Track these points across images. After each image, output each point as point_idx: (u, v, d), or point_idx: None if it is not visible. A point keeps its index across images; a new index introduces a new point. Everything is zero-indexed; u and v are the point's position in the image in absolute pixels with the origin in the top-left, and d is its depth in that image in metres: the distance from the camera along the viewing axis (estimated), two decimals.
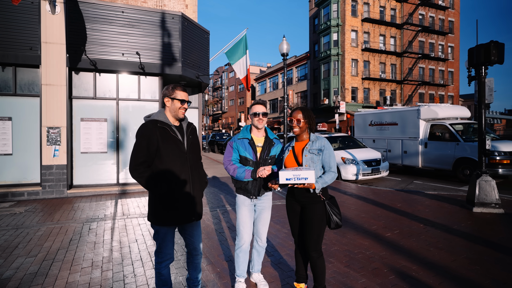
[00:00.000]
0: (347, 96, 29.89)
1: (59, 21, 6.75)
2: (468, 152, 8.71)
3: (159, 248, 2.29)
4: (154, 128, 2.16)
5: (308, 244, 2.36)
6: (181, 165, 2.25)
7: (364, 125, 13.13)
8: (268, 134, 2.71)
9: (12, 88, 6.71)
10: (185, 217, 2.27)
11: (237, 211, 2.68)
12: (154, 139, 2.15)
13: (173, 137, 2.23)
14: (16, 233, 4.36)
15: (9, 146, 6.68)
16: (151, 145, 2.14)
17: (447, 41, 35.76)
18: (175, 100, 2.25)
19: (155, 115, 2.27)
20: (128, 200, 6.55)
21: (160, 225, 2.22)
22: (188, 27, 8.04)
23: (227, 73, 61.00)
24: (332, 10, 30.32)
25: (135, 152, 2.16)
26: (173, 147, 2.22)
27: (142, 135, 2.16)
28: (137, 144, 2.16)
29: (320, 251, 2.37)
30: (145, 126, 2.19)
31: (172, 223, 2.24)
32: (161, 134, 2.17)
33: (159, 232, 2.25)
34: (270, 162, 2.64)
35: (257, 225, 2.72)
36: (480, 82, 5.39)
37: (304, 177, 2.18)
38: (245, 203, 2.64)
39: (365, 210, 5.54)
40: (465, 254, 3.48)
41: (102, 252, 3.66)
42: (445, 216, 5.08)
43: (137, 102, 7.71)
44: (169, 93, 2.26)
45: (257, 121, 2.59)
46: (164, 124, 2.21)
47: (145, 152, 2.14)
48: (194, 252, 2.44)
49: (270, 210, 2.76)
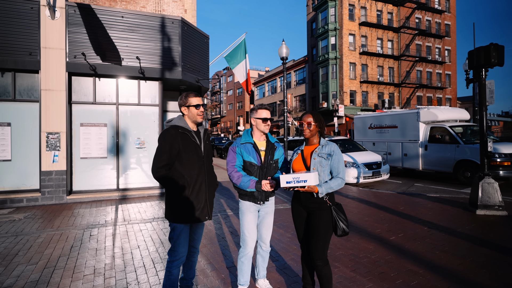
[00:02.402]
0: (346, 99, 29.98)
1: (58, 26, 6.74)
2: (468, 154, 8.71)
3: (173, 246, 2.39)
4: (176, 134, 2.35)
5: (313, 252, 2.30)
6: (199, 168, 2.43)
7: (364, 128, 13.14)
8: (269, 138, 2.71)
9: (12, 93, 6.67)
10: (200, 216, 2.42)
11: (242, 217, 2.63)
12: (176, 144, 2.33)
13: (193, 142, 2.41)
14: (15, 240, 4.30)
15: (8, 152, 6.62)
16: (173, 149, 2.31)
17: (443, 44, 36.05)
18: (191, 107, 2.43)
19: (176, 121, 2.43)
20: (129, 205, 6.48)
21: (178, 222, 2.36)
22: (188, 31, 8.05)
23: (225, 77, 61.12)
24: (329, 14, 30.52)
25: (158, 155, 2.32)
26: (192, 152, 2.40)
27: (165, 140, 2.32)
28: (160, 148, 2.32)
29: (325, 260, 2.31)
30: (167, 132, 2.36)
31: (188, 221, 2.39)
32: (182, 139, 2.35)
33: (175, 229, 2.38)
34: (275, 167, 2.64)
35: (261, 230, 2.69)
36: (481, 84, 5.40)
37: (303, 180, 2.16)
38: (250, 209, 2.60)
39: (368, 213, 5.51)
40: (471, 257, 3.45)
41: (104, 259, 3.60)
42: (448, 218, 5.05)
43: (137, 107, 7.68)
44: (184, 102, 2.45)
45: (265, 126, 2.61)
46: (185, 130, 2.40)
47: (167, 156, 2.31)
48: (192, 249, 2.56)
49: (273, 214, 2.74)
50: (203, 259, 3.55)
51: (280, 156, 2.71)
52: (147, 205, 6.50)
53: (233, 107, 57.30)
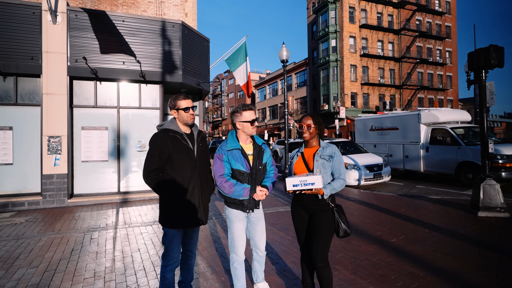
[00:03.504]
0: (347, 102, 29.98)
1: (60, 30, 6.80)
2: (470, 156, 8.68)
3: (166, 251, 2.36)
4: (166, 137, 2.29)
5: (314, 253, 2.31)
6: (190, 172, 2.36)
7: (365, 130, 13.12)
8: (255, 140, 2.60)
9: (13, 97, 6.72)
10: (193, 221, 2.38)
11: (231, 225, 2.53)
12: (166, 148, 2.27)
13: (184, 145, 2.35)
14: (17, 244, 4.31)
15: (10, 156, 6.66)
16: (162, 153, 2.27)
17: (444, 46, 36.04)
18: (180, 110, 2.37)
19: (167, 124, 2.39)
20: (130, 208, 6.49)
21: (169, 227, 2.32)
22: (188, 35, 8.09)
23: (226, 80, 61.30)
24: (330, 17, 30.61)
25: (148, 160, 2.28)
26: (183, 155, 2.34)
27: (154, 144, 2.28)
28: (150, 152, 2.28)
29: (326, 261, 2.32)
30: (157, 135, 2.31)
31: (180, 226, 2.34)
32: (172, 142, 2.30)
33: (167, 234, 2.35)
34: (263, 172, 2.57)
35: (255, 237, 2.62)
36: (481, 86, 5.39)
37: (311, 182, 2.15)
38: (239, 217, 2.52)
39: (369, 215, 5.49)
40: (473, 260, 3.43)
41: (105, 262, 3.60)
42: (450, 220, 5.03)
43: (138, 110, 7.71)
44: (173, 104, 2.38)
45: (253, 129, 2.49)
46: (175, 133, 2.34)
47: (157, 160, 2.26)
48: (189, 253, 2.54)
49: (264, 219, 2.67)
50: (203, 262, 3.55)
51: (268, 158, 2.63)
52: (147, 208, 6.51)
53: None
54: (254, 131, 2.51)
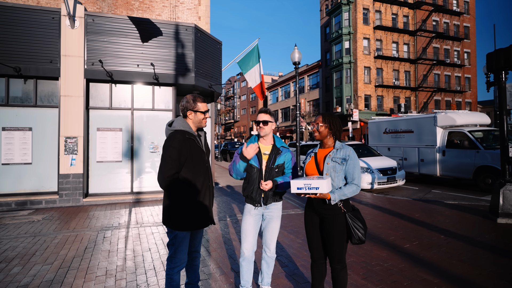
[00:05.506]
0: (360, 104, 29.56)
1: (77, 35, 7.01)
2: (489, 160, 8.38)
3: (174, 253, 2.32)
4: (184, 140, 2.24)
5: (331, 257, 2.26)
6: (204, 174, 2.38)
7: (379, 133, 12.89)
8: (275, 142, 2.67)
9: (33, 99, 6.97)
10: (205, 221, 2.39)
11: (242, 218, 2.67)
12: (185, 150, 2.23)
13: (198, 147, 2.34)
14: (33, 241, 4.45)
15: (29, 156, 6.90)
16: (182, 156, 2.22)
17: (463, 47, 35.06)
18: (198, 113, 2.35)
19: (180, 124, 2.31)
20: (142, 208, 6.60)
21: (181, 229, 2.28)
22: (201, 38, 8.19)
23: (239, 83, 61.62)
24: (343, 19, 30.34)
25: (166, 163, 2.18)
26: (198, 158, 2.33)
27: (174, 146, 2.19)
28: (169, 155, 2.18)
29: (344, 263, 2.25)
30: (175, 137, 2.22)
31: (194, 228, 2.33)
32: (190, 145, 2.27)
33: (177, 236, 2.29)
34: (277, 171, 2.57)
35: (265, 235, 2.65)
36: (501, 87, 5.20)
37: (315, 187, 2.03)
38: (250, 212, 2.62)
39: (381, 220, 5.38)
40: (490, 268, 3.29)
41: (116, 260, 3.67)
42: (467, 227, 4.86)
43: (152, 112, 7.85)
44: (191, 106, 2.34)
45: (258, 129, 2.62)
46: (191, 135, 2.30)
47: (176, 164, 2.20)
48: (195, 254, 2.53)
49: (280, 220, 2.67)
50: (212, 263, 3.56)
51: (287, 160, 2.63)
52: (159, 208, 6.59)
53: (247, 112, 57.57)
54: (259, 131, 2.62)
